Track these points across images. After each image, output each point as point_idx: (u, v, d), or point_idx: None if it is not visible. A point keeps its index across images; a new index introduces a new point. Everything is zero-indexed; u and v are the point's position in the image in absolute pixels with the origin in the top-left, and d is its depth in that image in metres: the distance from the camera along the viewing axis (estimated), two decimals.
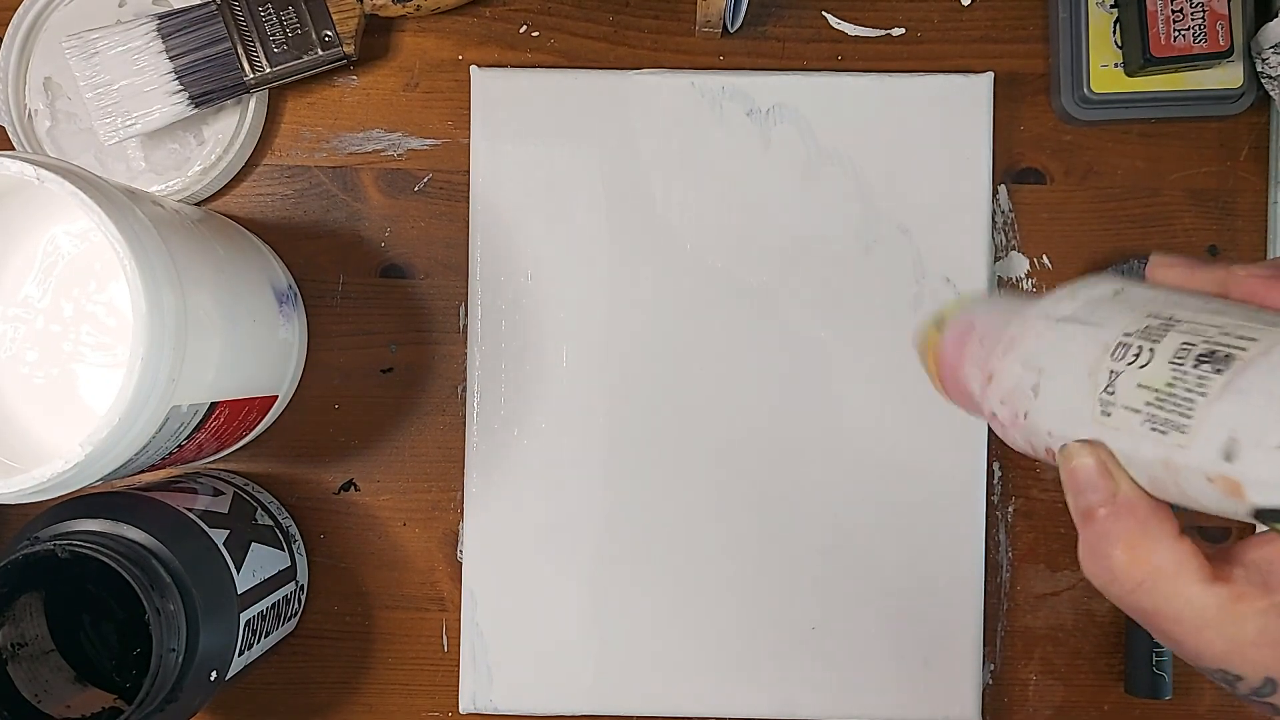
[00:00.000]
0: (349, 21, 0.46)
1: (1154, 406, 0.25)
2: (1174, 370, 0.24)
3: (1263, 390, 0.23)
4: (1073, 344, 0.27)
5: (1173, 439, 0.24)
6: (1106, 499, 0.27)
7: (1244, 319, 0.24)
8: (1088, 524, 0.27)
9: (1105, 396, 0.26)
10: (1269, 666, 0.26)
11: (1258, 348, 0.23)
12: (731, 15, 0.46)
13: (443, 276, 0.49)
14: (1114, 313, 0.27)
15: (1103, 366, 0.26)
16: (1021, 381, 0.29)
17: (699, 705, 0.48)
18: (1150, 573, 0.26)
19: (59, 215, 0.39)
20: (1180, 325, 0.25)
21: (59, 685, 0.42)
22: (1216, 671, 0.27)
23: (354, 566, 0.49)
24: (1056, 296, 0.29)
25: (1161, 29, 0.44)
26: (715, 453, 0.48)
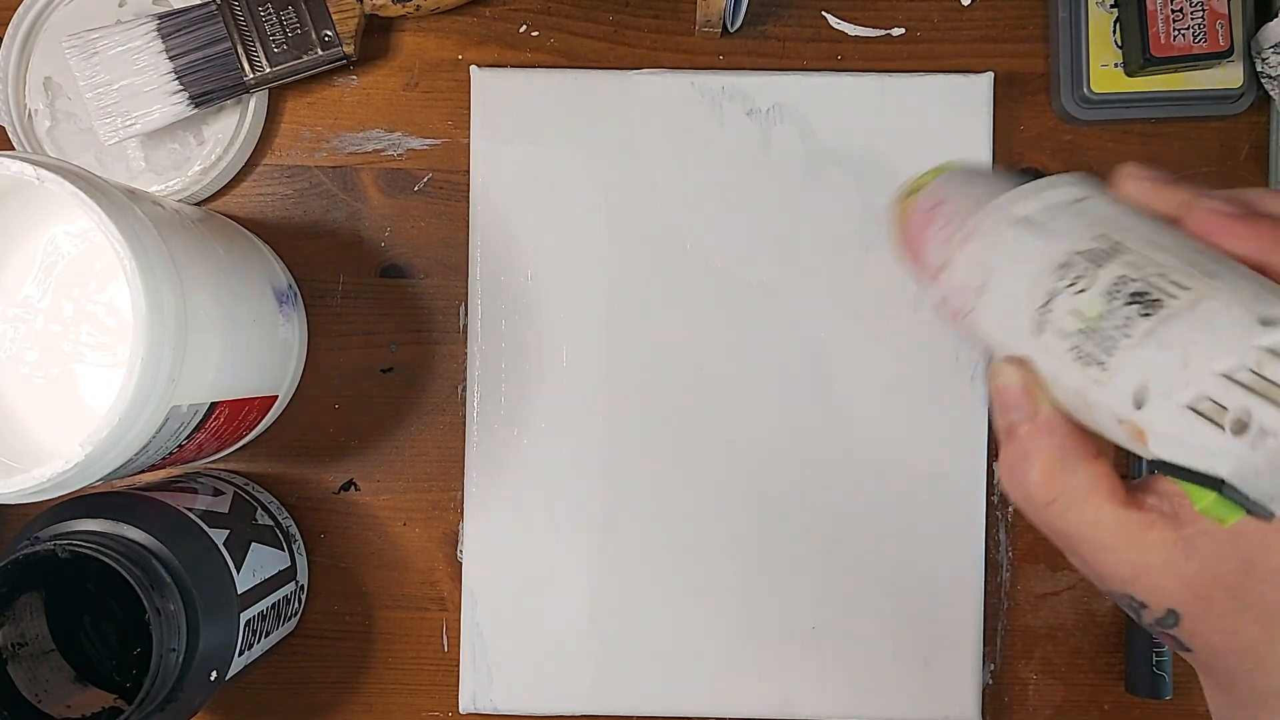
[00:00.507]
0: (349, 21, 0.46)
1: (1081, 336, 0.25)
2: (1106, 303, 0.24)
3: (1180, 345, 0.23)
4: (1022, 251, 0.27)
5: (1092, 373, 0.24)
6: (1028, 418, 0.27)
7: (1186, 260, 0.24)
8: (1009, 441, 0.28)
9: (1041, 314, 0.26)
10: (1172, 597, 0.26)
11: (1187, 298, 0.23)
12: (731, 15, 0.46)
13: (443, 276, 0.49)
14: (1068, 225, 0.26)
15: (1044, 283, 0.26)
16: (970, 278, 0.28)
17: (699, 705, 0.48)
18: (1062, 492, 0.27)
19: (59, 215, 0.39)
20: (1123, 255, 0.25)
21: (59, 685, 0.42)
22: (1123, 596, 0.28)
23: (354, 566, 0.49)
24: (1022, 193, 0.28)
25: (1161, 29, 0.44)
26: (715, 452, 0.48)
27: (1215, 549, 0.26)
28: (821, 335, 0.47)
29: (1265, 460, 0.21)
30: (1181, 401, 0.22)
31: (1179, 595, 0.26)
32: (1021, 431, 0.27)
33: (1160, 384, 0.23)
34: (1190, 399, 0.22)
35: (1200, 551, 0.26)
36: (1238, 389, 0.22)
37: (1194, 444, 0.22)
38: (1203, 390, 0.22)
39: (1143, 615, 0.27)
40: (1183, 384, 0.22)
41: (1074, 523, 0.27)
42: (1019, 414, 0.27)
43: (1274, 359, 0.21)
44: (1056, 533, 0.28)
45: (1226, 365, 0.22)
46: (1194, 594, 0.26)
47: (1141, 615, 0.27)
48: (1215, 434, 0.22)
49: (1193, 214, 0.26)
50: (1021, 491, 0.28)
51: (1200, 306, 0.23)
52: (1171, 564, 0.26)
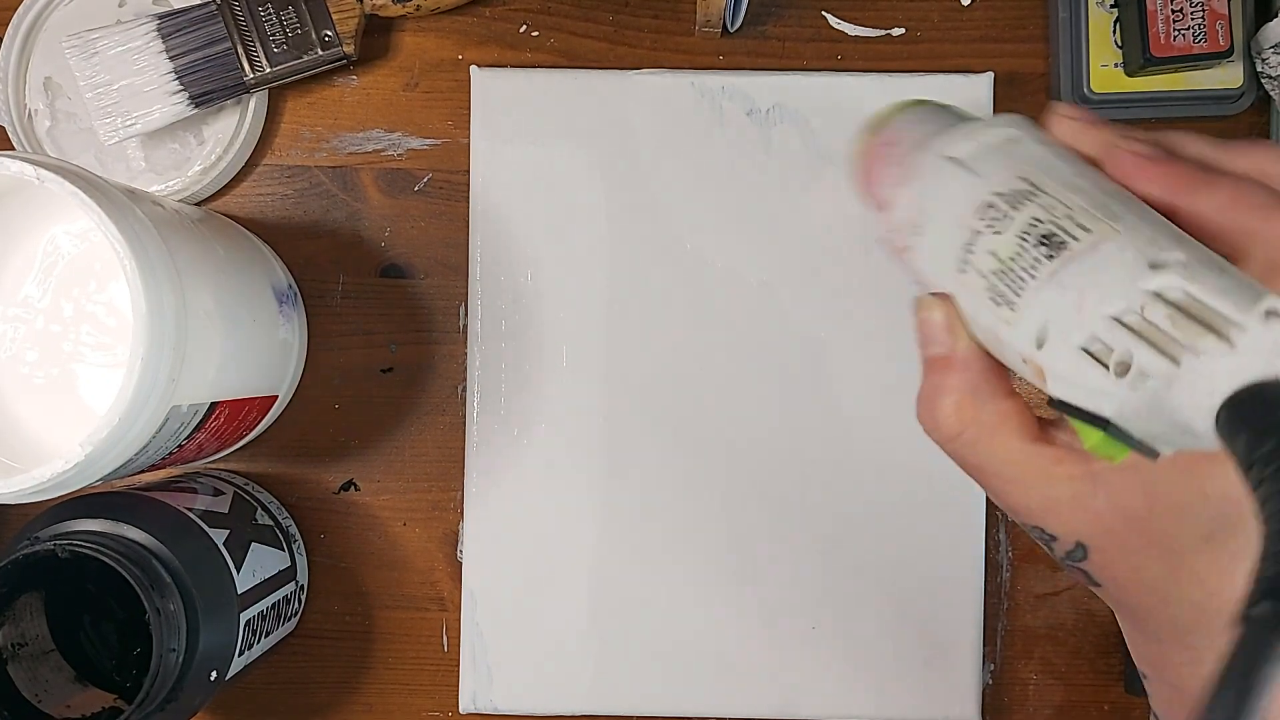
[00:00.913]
0: (349, 21, 0.46)
1: (996, 276, 0.25)
2: (1019, 245, 0.25)
3: (1077, 287, 0.23)
4: (954, 191, 0.27)
5: (1003, 313, 0.25)
6: (946, 352, 0.28)
7: (1096, 202, 0.24)
8: (927, 374, 0.28)
9: (965, 254, 0.26)
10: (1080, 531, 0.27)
11: (1088, 241, 0.23)
12: (731, 15, 0.46)
13: (443, 276, 0.49)
14: (997, 166, 0.27)
15: (968, 223, 0.26)
16: (909, 217, 0.29)
17: (699, 705, 0.48)
18: (972, 425, 0.27)
19: (59, 215, 0.39)
20: (1040, 197, 0.25)
21: (59, 685, 0.42)
22: (1034, 529, 0.28)
23: (354, 566, 0.49)
24: (958, 133, 0.29)
25: (1161, 29, 0.44)
26: (715, 452, 0.48)
27: (1120, 484, 0.26)
28: (821, 335, 0.47)
29: (1144, 401, 0.22)
30: (1075, 343, 0.23)
31: (1086, 529, 0.27)
32: (939, 365, 0.28)
33: (1058, 325, 0.23)
34: (1082, 340, 0.23)
35: (1107, 487, 0.26)
36: (1123, 331, 0.22)
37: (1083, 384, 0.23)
38: (1093, 332, 0.23)
39: (1054, 548, 0.28)
40: (1077, 325, 0.23)
41: (984, 455, 0.28)
42: (938, 348, 0.28)
43: (1157, 303, 0.22)
44: (966, 465, 0.28)
45: (1115, 308, 0.22)
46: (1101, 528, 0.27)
47: (1053, 549, 0.28)
48: (1101, 375, 0.22)
49: (1111, 155, 0.26)
50: (933, 423, 0.28)
51: (1099, 249, 0.23)
52: (1079, 498, 0.27)
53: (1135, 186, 0.26)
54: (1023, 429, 0.27)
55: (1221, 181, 0.25)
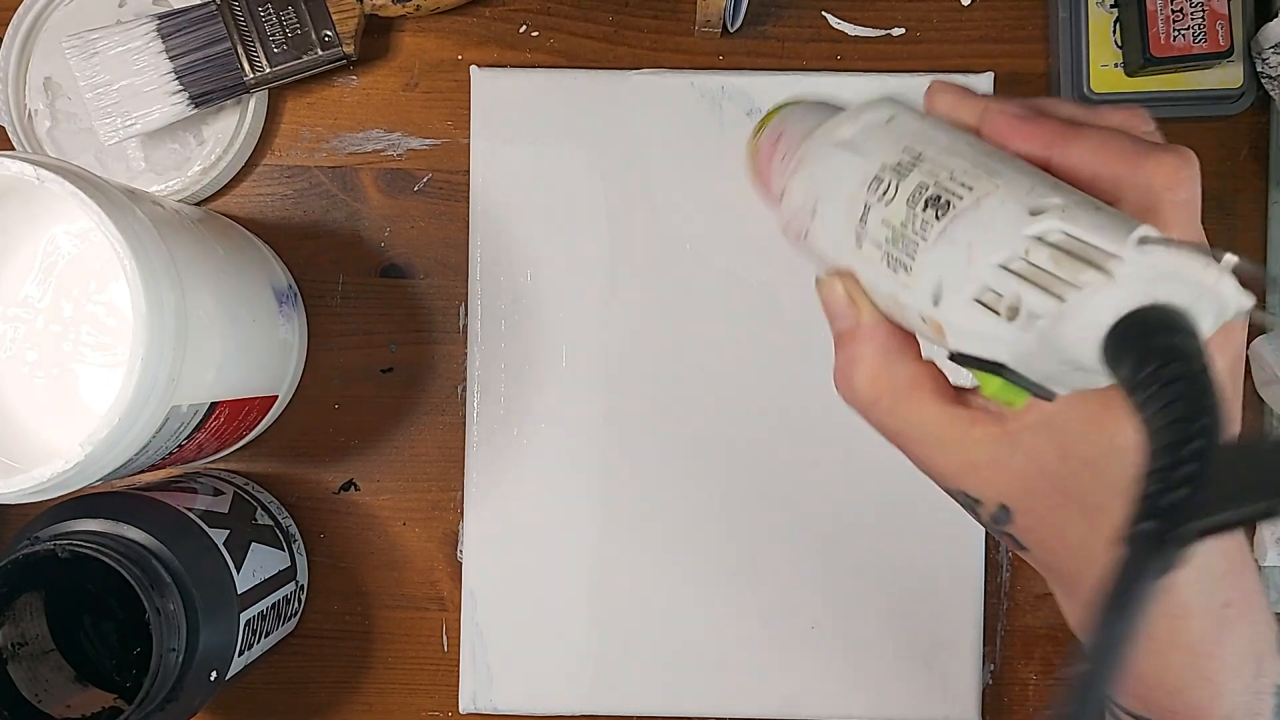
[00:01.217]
0: (349, 21, 0.46)
1: (890, 244, 0.26)
2: (908, 210, 0.26)
3: (965, 241, 0.24)
4: (842, 171, 0.28)
5: (900, 278, 0.26)
6: (853, 325, 0.28)
7: (975, 162, 0.25)
8: (839, 349, 0.29)
9: (859, 228, 0.27)
10: (1001, 493, 0.27)
11: (970, 197, 0.24)
12: (731, 15, 0.46)
13: (443, 276, 0.49)
14: (881, 142, 0.28)
15: (860, 198, 0.27)
16: (804, 203, 0.30)
17: (699, 705, 0.48)
18: (887, 391, 0.28)
19: (59, 215, 0.39)
20: (923, 164, 0.26)
21: (59, 685, 0.42)
22: (958, 494, 0.28)
23: (354, 566, 0.49)
24: (842, 118, 0.30)
25: (1161, 29, 0.44)
26: (715, 452, 0.48)
27: (1036, 443, 0.26)
28: (821, 335, 0.47)
29: (1036, 342, 0.22)
30: (968, 294, 0.24)
31: (1008, 490, 0.27)
32: (848, 337, 0.29)
33: (951, 280, 0.24)
34: (975, 291, 0.24)
35: (1024, 446, 0.27)
36: (1011, 277, 0.23)
37: (978, 333, 0.24)
38: (984, 282, 0.23)
39: (979, 513, 0.28)
40: (968, 278, 0.24)
41: (901, 420, 0.28)
42: (844, 322, 0.29)
43: (1040, 246, 0.23)
44: (887, 431, 0.29)
45: (1002, 256, 0.23)
46: (1022, 489, 0.27)
47: (978, 513, 0.28)
48: (994, 321, 0.23)
49: (985, 118, 0.27)
50: (851, 394, 0.29)
51: (982, 204, 0.24)
52: (998, 459, 0.27)
53: (1011, 145, 0.26)
54: (937, 392, 0.28)
55: (1090, 132, 0.26)
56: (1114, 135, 0.26)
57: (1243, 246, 0.49)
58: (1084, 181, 0.25)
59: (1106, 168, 0.25)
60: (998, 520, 0.28)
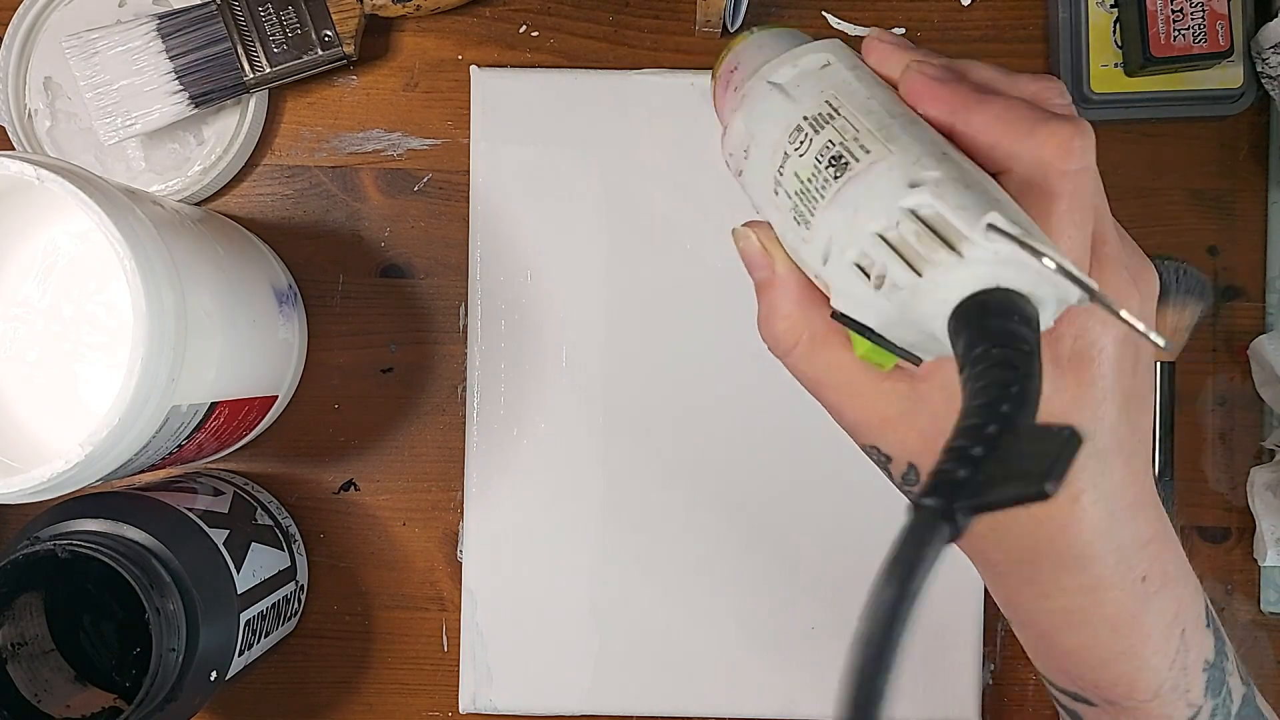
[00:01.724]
0: (349, 21, 0.46)
1: (798, 198, 0.27)
2: (814, 166, 0.26)
3: (852, 205, 0.25)
4: (774, 115, 0.28)
5: (802, 232, 0.26)
6: (769, 275, 0.29)
7: (881, 123, 0.26)
8: (759, 297, 0.30)
9: (778, 176, 0.28)
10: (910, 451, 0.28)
11: (865, 161, 0.25)
12: (731, 15, 0.46)
13: (443, 276, 0.49)
14: (810, 90, 0.28)
15: (781, 146, 0.27)
16: (741, 140, 0.30)
17: (699, 705, 0.48)
18: (806, 338, 0.28)
19: (59, 215, 0.39)
20: (837, 119, 0.26)
21: (59, 685, 0.42)
22: (871, 450, 0.29)
23: (354, 566, 0.49)
24: (781, 60, 0.30)
25: (1161, 29, 0.44)
26: (715, 452, 0.48)
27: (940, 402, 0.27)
28: None
29: (898, 310, 0.23)
30: (849, 259, 0.24)
31: (916, 448, 0.27)
32: (765, 286, 0.29)
33: (837, 242, 0.25)
34: (855, 256, 0.24)
35: (929, 405, 0.27)
36: (883, 246, 0.24)
37: (852, 296, 0.25)
38: (861, 248, 0.24)
39: (891, 472, 0.29)
40: (850, 242, 0.24)
41: (818, 366, 0.29)
42: (761, 271, 0.29)
43: (909, 219, 0.23)
44: (805, 379, 0.30)
45: (878, 224, 0.24)
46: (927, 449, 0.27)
47: (890, 472, 0.29)
48: (865, 287, 0.24)
49: (903, 77, 0.27)
50: (771, 341, 0.30)
51: (872, 169, 0.25)
52: (906, 415, 0.27)
53: (919, 107, 0.27)
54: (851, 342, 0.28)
55: (993, 101, 0.26)
56: (1016, 104, 0.26)
57: (1243, 246, 0.49)
58: (981, 150, 0.26)
59: (1002, 137, 0.25)
60: (907, 480, 0.28)
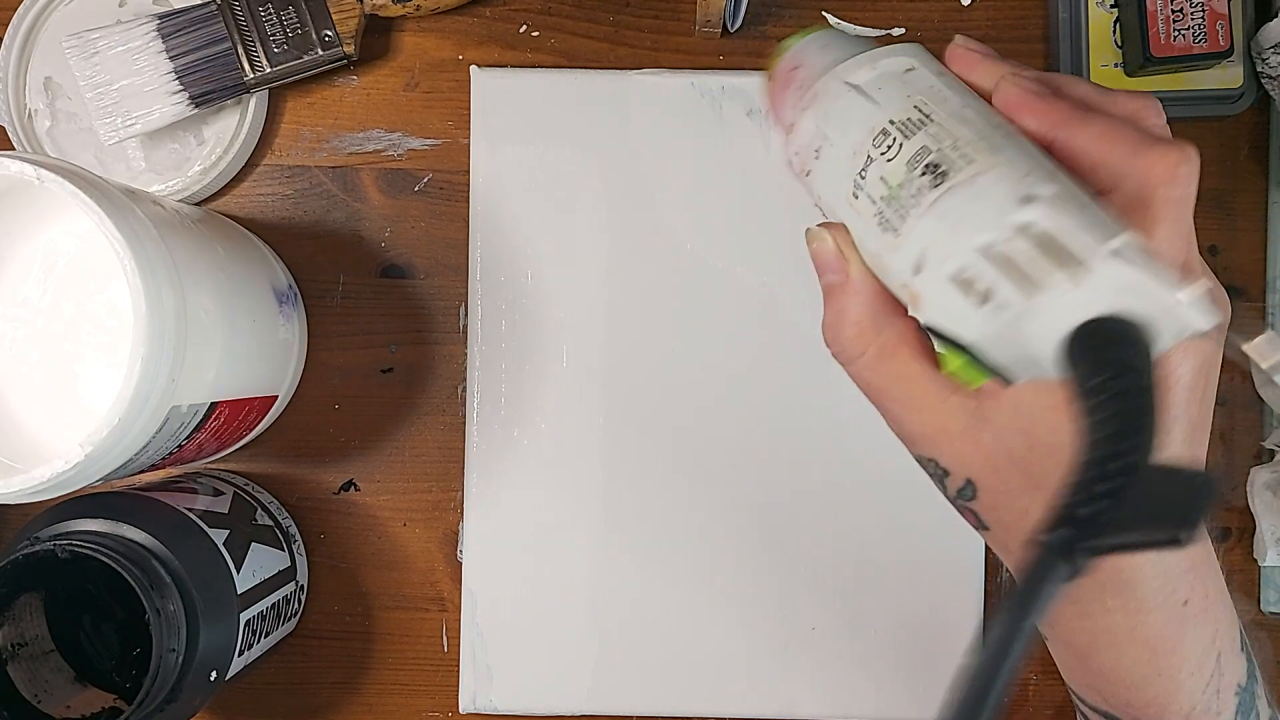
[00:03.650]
0: (349, 21, 0.46)
1: (884, 203, 0.26)
2: (907, 172, 0.25)
3: (953, 216, 0.24)
4: (852, 116, 0.28)
5: (888, 239, 0.26)
6: (842, 279, 0.28)
7: (981, 133, 0.25)
8: (827, 301, 0.29)
9: (858, 179, 0.27)
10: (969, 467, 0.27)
11: (968, 172, 0.24)
12: (731, 15, 0.46)
13: (443, 276, 0.49)
14: (894, 94, 0.27)
15: (864, 148, 0.27)
16: (811, 140, 0.29)
17: (699, 705, 0.48)
18: (873, 346, 0.28)
19: (59, 215, 0.39)
20: (930, 126, 0.26)
21: (59, 685, 0.42)
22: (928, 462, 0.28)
23: (354, 566, 0.49)
24: (859, 60, 0.29)
25: (1161, 29, 0.44)
26: (715, 452, 0.48)
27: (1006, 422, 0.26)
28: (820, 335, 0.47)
29: (1001, 330, 0.23)
30: (946, 271, 0.24)
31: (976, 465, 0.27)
32: (837, 291, 0.29)
33: (934, 253, 0.24)
34: (953, 269, 0.24)
35: (994, 424, 0.27)
36: (987, 263, 0.23)
37: (950, 310, 0.24)
38: (963, 262, 0.23)
39: (946, 486, 0.28)
40: (950, 254, 0.24)
41: (884, 376, 0.28)
42: (834, 275, 0.29)
43: (1020, 237, 0.23)
44: (868, 387, 0.29)
45: (984, 239, 0.23)
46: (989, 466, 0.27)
47: (946, 486, 0.28)
48: (965, 303, 0.23)
49: (999, 88, 0.27)
50: (837, 347, 0.29)
51: (976, 181, 0.24)
52: (969, 431, 0.27)
53: (1018, 119, 0.26)
54: (920, 353, 0.28)
55: (1097, 119, 0.26)
56: (1119, 124, 0.26)
57: (1243, 246, 0.49)
58: (1084, 168, 0.25)
59: (1107, 156, 0.25)
60: (963, 495, 0.28)
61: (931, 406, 0.27)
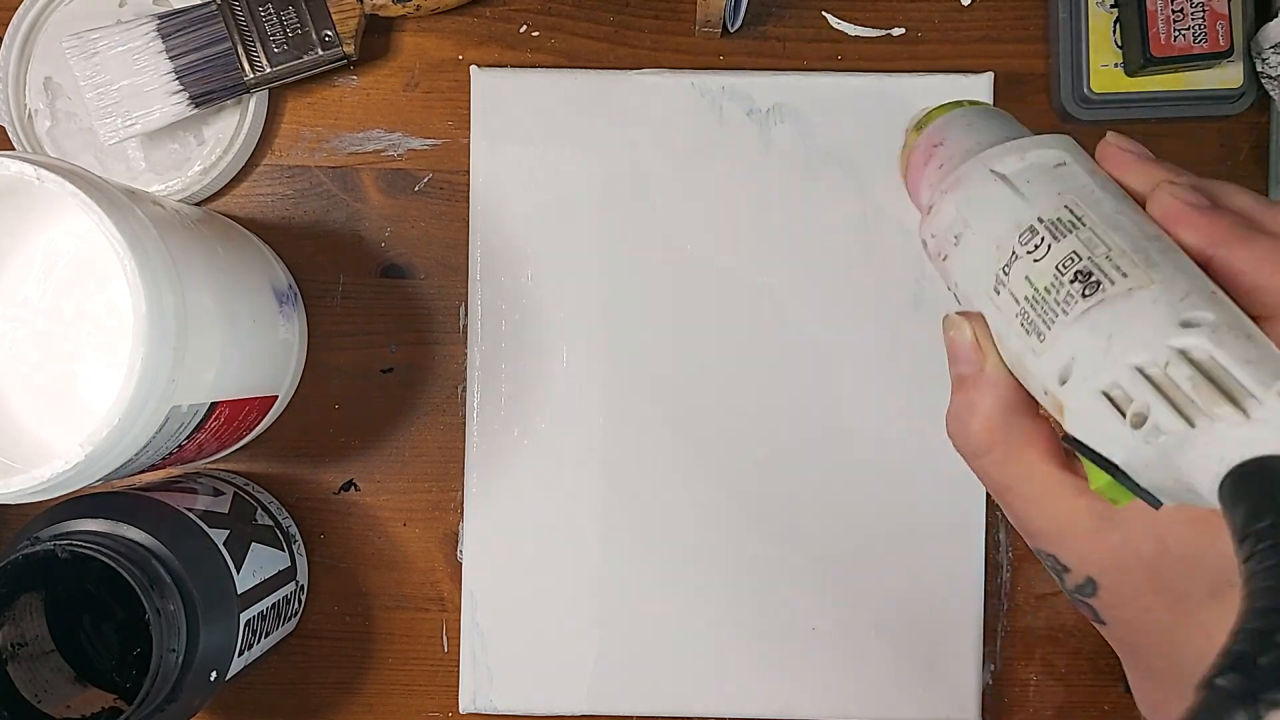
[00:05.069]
0: (349, 21, 0.46)
1: (1029, 304, 0.26)
2: (1055, 276, 0.25)
3: (1107, 330, 0.23)
4: (998, 208, 0.28)
5: (1031, 342, 0.25)
6: (975, 371, 0.28)
7: (1137, 245, 0.25)
8: (957, 391, 0.29)
9: (1001, 274, 0.27)
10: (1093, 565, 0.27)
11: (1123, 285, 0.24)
12: (731, 15, 0.46)
13: (443, 276, 0.49)
14: (1044, 189, 0.27)
15: (1009, 244, 0.27)
16: (951, 225, 0.29)
17: (699, 705, 0.48)
18: (1001, 443, 0.28)
19: (59, 215, 0.39)
20: (1082, 230, 0.25)
21: (59, 685, 0.42)
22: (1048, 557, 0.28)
23: (354, 566, 0.49)
24: (1007, 149, 0.29)
25: (1161, 29, 0.44)
26: (715, 452, 0.48)
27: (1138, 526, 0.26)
28: (822, 336, 0.47)
29: (1156, 455, 0.22)
30: (1097, 385, 0.23)
31: (1100, 564, 0.27)
32: (968, 382, 0.28)
33: (1083, 365, 0.24)
34: (1105, 385, 0.23)
35: (1124, 526, 0.26)
36: (1145, 383, 0.22)
37: (1099, 427, 0.23)
38: (1116, 379, 0.23)
39: (1065, 580, 0.28)
40: (1101, 369, 0.23)
41: (1010, 475, 0.28)
42: (968, 366, 0.28)
43: (1181, 361, 0.22)
44: (993, 483, 0.29)
45: (1140, 359, 0.23)
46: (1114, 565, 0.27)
47: (1064, 580, 0.28)
48: (1118, 422, 0.23)
49: (1156, 196, 0.27)
50: (963, 440, 0.29)
51: (1133, 297, 0.23)
52: (1097, 532, 0.27)
53: (1175, 232, 0.26)
54: (1050, 452, 0.27)
55: (1259, 239, 0.25)
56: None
57: None
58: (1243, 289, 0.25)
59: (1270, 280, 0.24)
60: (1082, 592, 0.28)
61: (1058, 506, 0.27)
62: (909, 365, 0.47)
